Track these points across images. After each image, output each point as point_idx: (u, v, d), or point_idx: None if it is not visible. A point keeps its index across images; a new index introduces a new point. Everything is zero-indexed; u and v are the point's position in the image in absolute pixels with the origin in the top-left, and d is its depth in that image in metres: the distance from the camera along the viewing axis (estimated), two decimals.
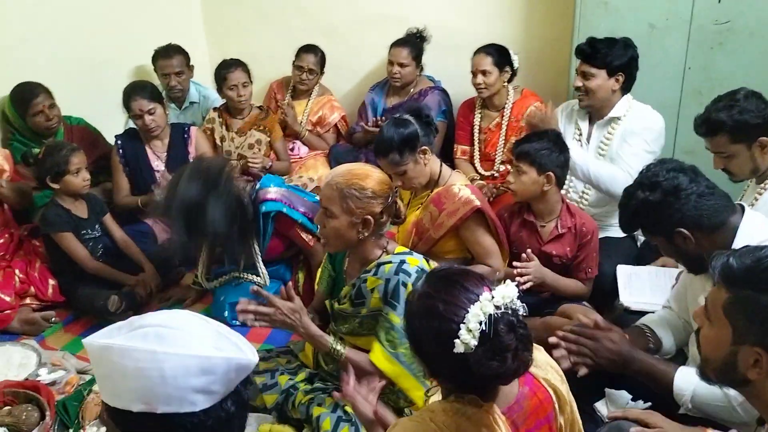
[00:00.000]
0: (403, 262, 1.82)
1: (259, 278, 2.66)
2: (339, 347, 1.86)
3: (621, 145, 2.67)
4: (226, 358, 0.95)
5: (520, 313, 1.21)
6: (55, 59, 3.23)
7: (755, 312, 1.12)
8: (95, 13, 3.44)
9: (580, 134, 2.80)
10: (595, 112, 2.76)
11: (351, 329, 1.92)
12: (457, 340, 1.15)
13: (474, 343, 1.15)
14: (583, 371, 1.64)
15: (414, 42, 3.54)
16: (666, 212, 1.62)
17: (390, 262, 1.83)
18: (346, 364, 1.78)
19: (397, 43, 3.51)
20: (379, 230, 1.86)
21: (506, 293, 1.19)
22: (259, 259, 2.62)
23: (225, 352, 0.96)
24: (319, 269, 2.63)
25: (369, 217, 1.79)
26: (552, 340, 1.66)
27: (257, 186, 2.58)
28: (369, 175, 1.83)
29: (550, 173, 2.26)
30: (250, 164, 3.29)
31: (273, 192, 2.53)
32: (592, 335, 1.64)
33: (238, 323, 2.16)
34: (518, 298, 1.21)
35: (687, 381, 1.57)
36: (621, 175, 2.54)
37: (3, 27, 3.03)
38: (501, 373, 1.18)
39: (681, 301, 1.92)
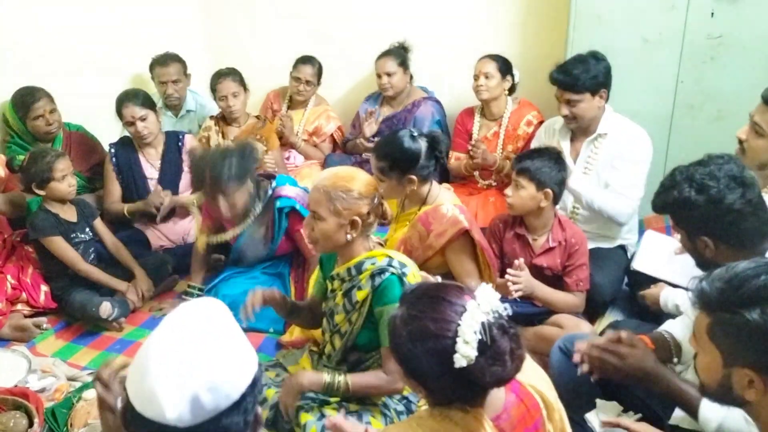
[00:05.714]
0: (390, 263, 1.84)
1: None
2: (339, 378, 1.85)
3: (611, 170, 2.64)
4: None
5: (505, 313, 1.21)
6: (54, 66, 3.23)
7: (737, 333, 1.11)
8: (95, 20, 3.45)
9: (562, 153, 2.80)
10: (581, 131, 2.75)
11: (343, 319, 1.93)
12: (456, 355, 1.14)
13: (474, 354, 1.14)
14: (595, 376, 1.63)
15: (397, 51, 3.57)
16: (700, 217, 1.60)
17: (374, 264, 1.84)
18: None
19: (381, 55, 3.56)
20: (366, 231, 1.89)
21: (489, 297, 1.19)
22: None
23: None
24: (312, 278, 2.63)
25: (356, 218, 1.83)
26: (575, 358, 1.64)
27: (274, 184, 2.71)
28: (354, 177, 1.86)
29: (548, 190, 2.27)
30: (267, 164, 3.30)
31: (288, 189, 2.69)
32: (616, 352, 1.59)
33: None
34: (510, 305, 1.22)
35: (714, 411, 1.50)
36: (623, 205, 2.59)
37: (3, 33, 3.05)
38: (503, 376, 1.18)
39: None
